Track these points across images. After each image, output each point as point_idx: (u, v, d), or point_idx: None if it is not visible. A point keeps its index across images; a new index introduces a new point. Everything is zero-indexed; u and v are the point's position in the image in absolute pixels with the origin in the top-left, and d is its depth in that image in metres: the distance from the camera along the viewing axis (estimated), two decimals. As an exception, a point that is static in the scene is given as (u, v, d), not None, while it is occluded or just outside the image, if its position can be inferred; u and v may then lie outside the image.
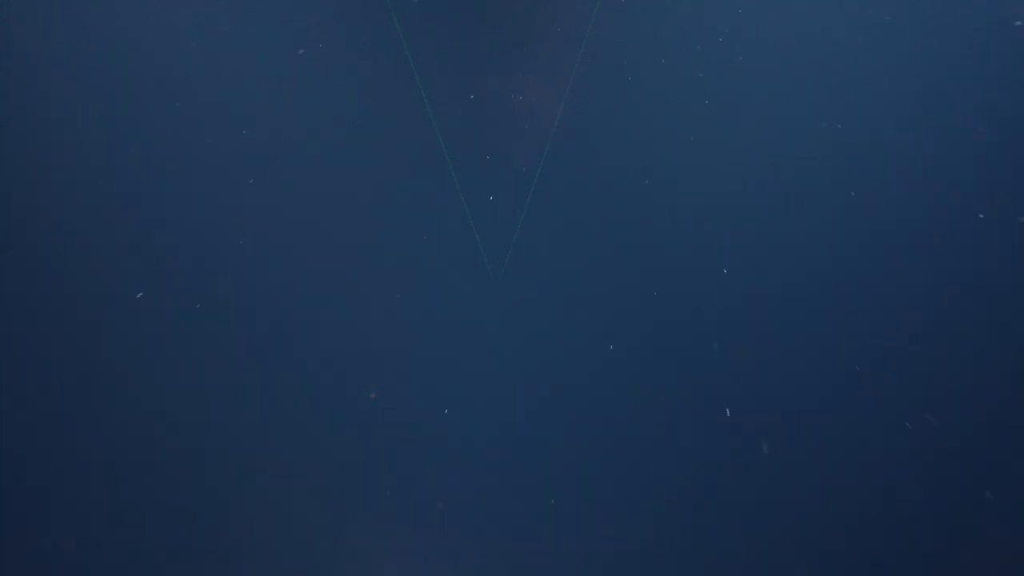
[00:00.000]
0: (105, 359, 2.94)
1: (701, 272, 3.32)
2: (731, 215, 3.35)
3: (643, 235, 3.34)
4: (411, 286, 3.24)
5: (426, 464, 3.09)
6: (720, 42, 3.39)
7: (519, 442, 3.16)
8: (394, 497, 3.01)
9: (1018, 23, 3.08)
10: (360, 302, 3.19)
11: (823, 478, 3.08)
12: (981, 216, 3.19)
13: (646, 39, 3.42)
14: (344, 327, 3.17)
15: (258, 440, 3.01)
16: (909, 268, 3.28)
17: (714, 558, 2.98)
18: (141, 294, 2.86)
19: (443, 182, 3.29)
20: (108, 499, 2.82)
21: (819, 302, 3.30)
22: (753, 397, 3.21)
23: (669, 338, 3.29)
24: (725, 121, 3.38)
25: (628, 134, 3.40)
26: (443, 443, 3.13)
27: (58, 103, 2.94)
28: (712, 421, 3.19)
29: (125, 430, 2.90)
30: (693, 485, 3.11)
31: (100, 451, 2.86)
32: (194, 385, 3.00)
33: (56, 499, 2.79)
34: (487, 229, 3.28)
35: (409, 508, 3.00)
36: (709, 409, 3.21)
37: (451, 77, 3.33)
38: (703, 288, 3.32)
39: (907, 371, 3.21)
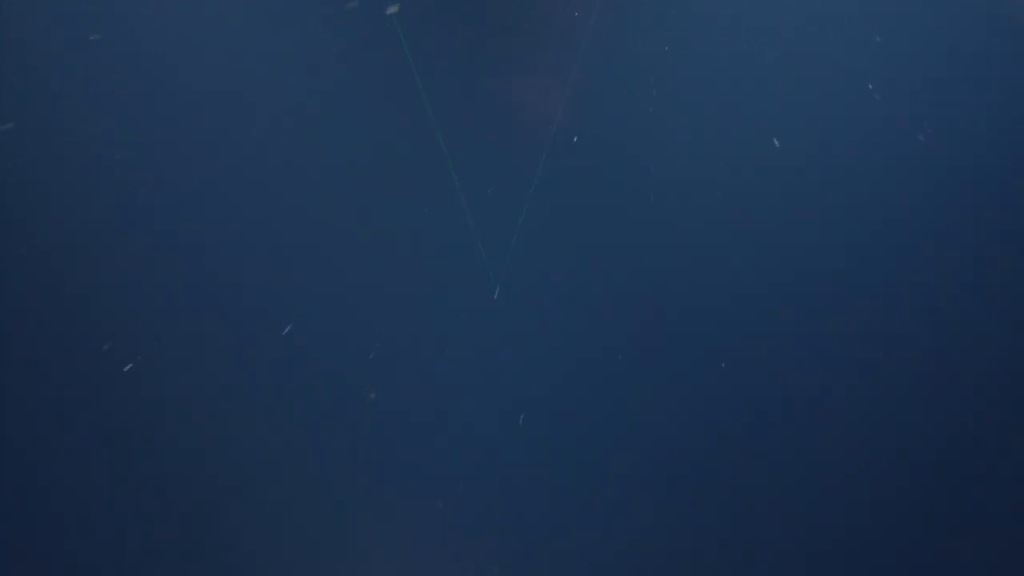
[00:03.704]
0: (105, 357, 2.94)
1: (707, 274, 3.32)
2: (738, 216, 3.35)
3: (646, 235, 3.34)
4: (411, 286, 3.25)
5: (426, 464, 3.09)
6: (723, 40, 3.39)
7: (519, 443, 3.16)
8: (394, 497, 3.01)
9: None
10: (359, 302, 3.19)
11: (830, 480, 3.08)
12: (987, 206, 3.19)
13: (647, 37, 3.42)
14: (342, 327, 3.17)
15: (255, 440, 3.01)
16: (919, 269, 3.28)
17: (718, 560, 2.98)
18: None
19: (443, 182, 3.29)
20: (102, 498, 2.82)
21: (830, 304, 3.30)
22: (761, 399, 3.21)
23: (673, 339, 3.29)
24: (730, 120, 3.38)
25: (630, 133, 3.40)
26: (443, 444, 3.13)
27: (57, 102, 2.94)
28: (718, 423, 3.19)
29: (121, 429, 2.90)
30: (698, 487, 3.11)
31: (96, 449, 2.86)
32: (190, 385, 3.00)
33: (54, 498, 2.79)
34: (487, 229, 3.28)
35: (409, 508, 3.00)
36: (715, 411, 3.21)
37: (451, 77, 3.33)
38: (709, 290, 3.32)
39: (915, 372, 3.21)
